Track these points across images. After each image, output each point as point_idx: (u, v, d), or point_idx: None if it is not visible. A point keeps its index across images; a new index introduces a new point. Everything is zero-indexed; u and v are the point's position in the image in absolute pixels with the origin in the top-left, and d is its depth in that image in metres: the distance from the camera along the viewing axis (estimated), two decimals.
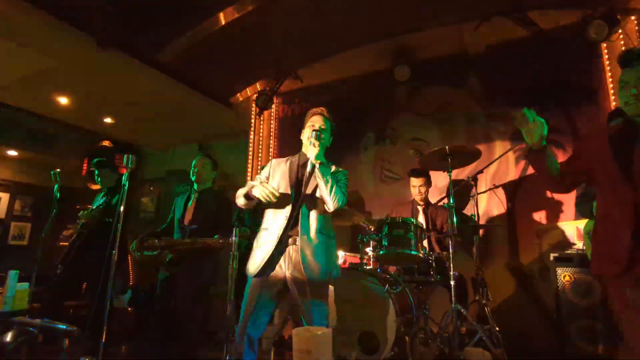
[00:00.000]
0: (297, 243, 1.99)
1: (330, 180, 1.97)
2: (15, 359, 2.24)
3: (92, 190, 6.00)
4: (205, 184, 3.10)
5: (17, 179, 6.28)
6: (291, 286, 1.98)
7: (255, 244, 2.09)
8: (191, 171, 3.08)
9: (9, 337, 2.28)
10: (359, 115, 4.65)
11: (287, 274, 1.98)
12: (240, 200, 2.09)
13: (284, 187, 2.09)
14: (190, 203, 3.02)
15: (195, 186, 3.10)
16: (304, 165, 2.09)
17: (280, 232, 2.00)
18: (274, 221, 2.04)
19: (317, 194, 2.03)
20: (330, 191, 1.96)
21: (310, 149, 2.03)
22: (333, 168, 2.12)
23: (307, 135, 2.11)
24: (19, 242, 6.33)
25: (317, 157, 2.01)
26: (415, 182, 3.59)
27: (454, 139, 4.13)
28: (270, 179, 2.16)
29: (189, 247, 2.75)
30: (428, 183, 3.62)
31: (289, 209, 2.02)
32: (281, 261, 2.01)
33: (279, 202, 2.00)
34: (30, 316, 2.67)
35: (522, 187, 3.78)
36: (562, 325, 2.83)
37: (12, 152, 5.85)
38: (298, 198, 2.05)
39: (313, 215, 2.03)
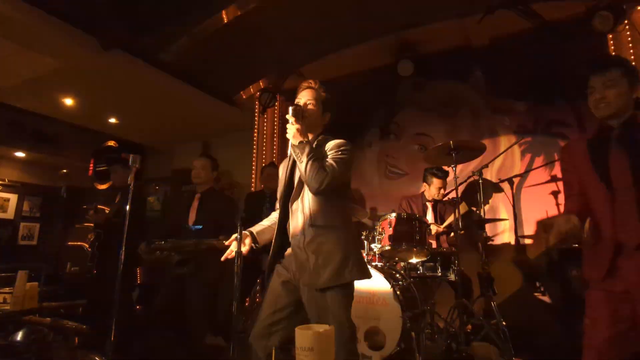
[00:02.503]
0: (292, 243, 1.77)
1: (305, 158, 1.64)
2: (26, 358, 2.27)
3: (99, 190, 6.06)
4: (206, 184, 3.12)
5: (25, 180, 6.35)
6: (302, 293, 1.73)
7: None
8: (192, 172, 3.10)
9: (19, 336, 2.31)
10: (363, 111, 4.64)
11: (292, 278, 1.76)
12: None
13: (280, 187, 1.92)
14: (193, 204, 3.05)
15: (197, 187, 3.13)
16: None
17: (277, 236, 1.83)
18: (277, 227, 1.86)
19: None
20: (306, 169, 1.63)
21: (288, 129, 1.74)
22: (329, 143, 1.80)
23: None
24: (29, 242, 6.42)
25: (293, 137, 1.70)
26: (439, 183, 3.52)
27: (458, 133, 4.11)
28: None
29: (194, 248, 2.78)
30: (446, 183, 3.59)
31: (282, 210, 1.84)
32: (283, 266, 1.81)
33: (279, 207, 1.87)
34: (40, 315, 2.71)
35: (528, 180, 3.76)
36: (570, 320, 2.82)
37: (20, 154, 5.92)
38: (289, 195, 1.83)
39: (301, 208, 1.75)
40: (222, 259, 1.90)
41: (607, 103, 1.53)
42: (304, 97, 1.93)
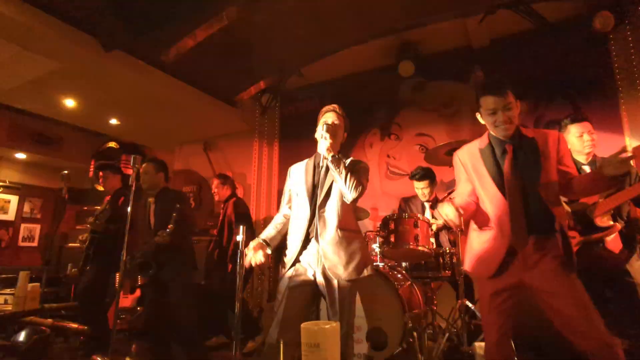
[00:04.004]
0: (319, 243, 1.96)
1: (344, 170, 1.93)
2: (28, 358, 2.27)
3: (99, 191, 6.06)
4: (156, 187, 3.11)
5: (26, 182, 6.36)
6: (321, 288, 1.95)
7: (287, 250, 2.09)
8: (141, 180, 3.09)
9: (22, 336, 2.31)
10: (364, 111, 4.64)
11: (316, 275, 1.96)
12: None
13: (302, 192, 2.08)
14: (150, 208, 3.08)
15: (150, 192, 3.14)
16: (320, 164, 2.08)
17: (303, 236, 2.00)
18: (298, 226, 2.04)
19: (334, 190, 2.00)
20: (346, 180, 1.92)
21: (322, 142, 1.97)
22: (350, 160, 2.08)
23: (319, 132, 2.05)
24: (29, 243, 6.43)
25: (328, 150, 1.95)
26: (418, 185, 3.53)
27: (459, 133, 4.11)
28: (291, 189, 2.18)
29: (145, 250, 2.84)
30: (432, 183, 3.56)
31: (308, 211, 2.02)
32: (307, 263, 1.99)
33: (299, 208, 2.06)
34: (42, 316, 2.71)
35: None
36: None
37: (21, 155, 5.93)
38: (316, 199, 2.03)
39: (332, 212, 1.99)
40: (246, 265, 2.05)
41: (510, 125, 1.69)
42: (330, 118, 2.13)
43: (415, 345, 2.58)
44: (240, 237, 1.98)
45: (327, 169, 2.01)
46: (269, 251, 2.10)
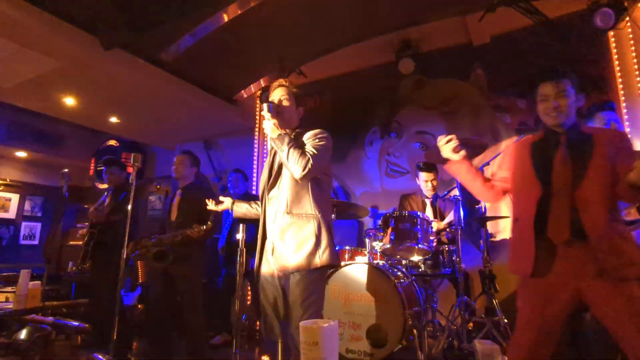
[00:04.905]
0: (268, 232, 1.86)
1: (286, 147, 1.73)
2: (30, 356, 2.28)
3: (100, 189, 6.07)
4: (187, 179, 3.13)
5: (26, 180, 6.37)
6: (278, 281, 1.81)
7: None
8: (172, 168, 3.13)
9: (23, 334, 2.32)
10: (364, 109, 4.63)
11: (272, 268, 1.83)
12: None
13: (262, 182, 1.97)
14: (173, 200, 3.08)
15: (179, 183, 3.16)
16: None
17: (261, 226, 1.90)
18: (260, 219, 1.93)
19: (285, 173, 1.84)
20: (288, 157, 1.72)
21: (265, 123, 1.81)
22: (310, 133, 1.88)
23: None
24: (30, 241, 6.44)
25: (271, 131, 1.78)
26: (427, 176, 3.54)
27: (460, 131, 4.10)
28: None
29: (171, 240, 2.82)
30: (437, 176, 3.60)
31: (262, 201, 1.93)
32: (265, 255, 1.88)
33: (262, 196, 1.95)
34: (43, 314, 2.72)
35: None
36: (574, 317, 2.81)
37: (21, 154, 5.93)
38: (268, 184, 1.91)
39: (281, 196, 1.82)
40: (213, 208, 2.22)
41: (559, 112, 1.64)
42: (278, 94, 1.99)
43: (415, 343, 2.59)
44: (240, 236, 1.98)
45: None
46: (231, 204, 2.18)
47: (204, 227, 2.72)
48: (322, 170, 1.86)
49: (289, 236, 1.77)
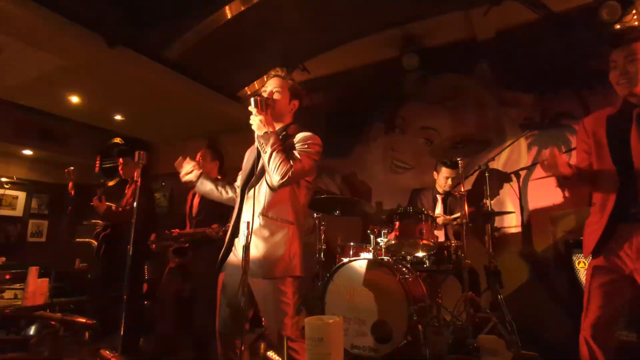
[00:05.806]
0: (240, 232, 1.77)
1: (269, 148, 1.63)
2: (38, 352, 2.31)
3: (109, 186, 6.10)
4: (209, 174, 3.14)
5: (33, 178, 6.42)
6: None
7: None
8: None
9: (32, 330, 2.35)
10: (368, 105, 4.62)
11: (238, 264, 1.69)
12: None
13: (243, 175, 1.90)
14: (195, 195, 3.08)
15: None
16: None
17: (233, 220, 1.82)
18: (235, 212, 1.84)
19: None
20: (270, 160, 1.62)
21: (252, 118, 1.72)
22: (298, 137, 1.79)
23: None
24: (38, 239, 6.50)
25: (257, 128, 1.70)
26: (450, 173, 3.50)
27: (464, 126, 4.08)
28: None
29: (190, 237, 2.84)
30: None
31: (239, 196, 1.84)
32: (234, 251, 1.81)
33: (238, 192, 1.88)
34: (51, 310, 2.74)
35: (534, 173, 3.73)
36: (578, 313, 2.80)
37: (27, 152, 5.97)
38: (247, 182, 1.82)
39: (260, 196, 1.73)
40: (182, 178, 2.02)
41: (628, 79, 1.48)
42: (270, 86, 1.90)
43: (420, 339, 2.59)
44: (244, 233, 1.98)
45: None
46: (198, 176, 2.01)
47: (224, 229, 2.73)
48: (305, 176, 1.78)
49: (260, 238, 1.70)
